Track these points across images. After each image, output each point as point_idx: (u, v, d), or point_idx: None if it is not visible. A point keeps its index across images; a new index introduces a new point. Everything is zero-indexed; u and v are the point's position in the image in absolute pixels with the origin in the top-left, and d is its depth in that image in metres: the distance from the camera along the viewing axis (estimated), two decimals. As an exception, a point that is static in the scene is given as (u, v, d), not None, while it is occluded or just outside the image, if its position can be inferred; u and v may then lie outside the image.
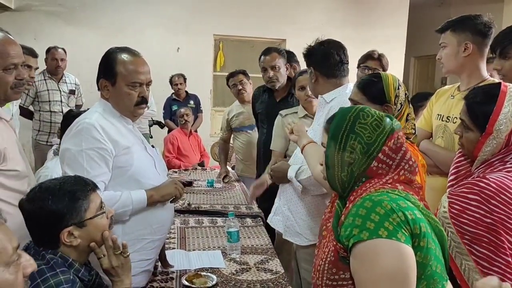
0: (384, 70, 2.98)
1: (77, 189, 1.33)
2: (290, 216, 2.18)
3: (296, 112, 2.76)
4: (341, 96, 2.06)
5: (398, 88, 1.68)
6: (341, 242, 1.14)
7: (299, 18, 6.85)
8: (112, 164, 1.63)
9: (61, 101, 3.92)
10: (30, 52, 2.93)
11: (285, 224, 2.20)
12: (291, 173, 2.10)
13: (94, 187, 1.39)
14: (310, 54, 2.12)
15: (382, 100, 1.66)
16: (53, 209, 1.29)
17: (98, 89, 1.76)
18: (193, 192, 3.40)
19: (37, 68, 3.02)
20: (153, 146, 1.90)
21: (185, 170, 4.28)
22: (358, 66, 3.04)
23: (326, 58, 2.07)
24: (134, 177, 1.67)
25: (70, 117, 2.36)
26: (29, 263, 0.98)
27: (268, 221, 2.37)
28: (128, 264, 1.41)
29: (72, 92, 4.35)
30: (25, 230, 1.40)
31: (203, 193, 3.40)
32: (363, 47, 4.52)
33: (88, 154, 1.59)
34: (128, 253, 1.41)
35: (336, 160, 1.21)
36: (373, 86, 1.69)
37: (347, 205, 1.19)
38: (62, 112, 3.89)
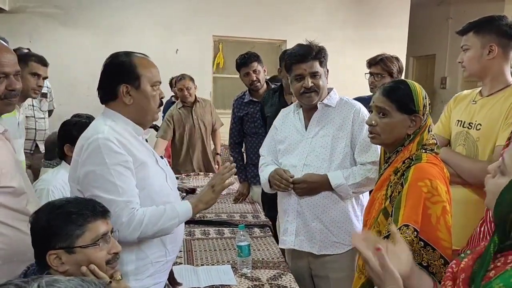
0: (391, 73, 2.86)
1: (76, 212, 1.22)
2: (323, 228, 2.08)
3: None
4: (347, 100, 2.18)
5: (426, 98, 1.59)
6: None
7: (299, 19, 6.75)
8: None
9: (33, 105, 3.78)
10: (39, 60, 2.84)
11: (319, 239, 2.10)
12: (338, 181, 2.02)
13: (101, 215, 1.27)
14: None
15: (412, 110, 1.56)
16: (44, 225, 1.22)
17: (103, 100, 1.63)
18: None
19: (46, 77, 2.91)
20: (162, 157, 1.78)
21: (187, 175, 4.16)
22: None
23: None
24: (149, 195, 1.56)
25: (71, 124, 2.24)
26: None
27: (282, 246, 2.23)
28: None
29: (44, 95, 4.18)
30: (24, 254, 1.30)
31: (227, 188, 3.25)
32: (364, 48, 4.46)
33: (116, 170, 1.47)
34: (119, 277, 1.29)
35: None
36: (401, 94, 1.58)
37: (504, 261, 0.93)
38: (34, 116, 3.72)
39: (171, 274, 1.85)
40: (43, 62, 2.89)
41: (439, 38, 8.47)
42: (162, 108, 1.71)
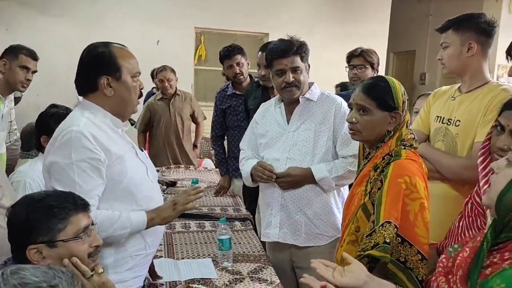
0: (372, 64, 2.92)
1: (57, 206, 1.20)
2: (307, 220, 2.11)
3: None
4: (329, 94, 2.22)
5: (404, 93, 1.61)
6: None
7: (282, 13, 6.74)
8: (105, 175, 1.49)
9: None
10: (30, 54, 2.81)
11: (303, 231, 2.12)
12: (321, 174, 2.04)
13: (82, 208, 1.24)
14: None
15: (391, 107, 1.57)
16: (22, 219, 1.19)
17: (81, 92, 1.60)
18: (177, 193, 3.25)
19: (35, 71, 2.85)
20: (142, 150, 1.76)
21: (167, 168, 4.13)
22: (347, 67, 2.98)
23: None
24: (128, 189, 1.54)
25: (49, 115, 2.20)
26: None
27: (266, 239, 2.23)
28: (108, 285, 1.27)
29: None
30: (1, 248, 1.27)
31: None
32: (346, 43, 4.48)
33: (79, 167, 1.44)
34: (101, 270, 1.27)
35: None
36: (381, 91, 1.59)
37: (501, 258, 0.95)
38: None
39: (152, 267, 1.84)
40: (33, 56, 2.85)
41: (419, 35, 8.57)
42: (142, 99, 1.68)
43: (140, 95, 1.65)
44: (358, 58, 2.91)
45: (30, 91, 4.11)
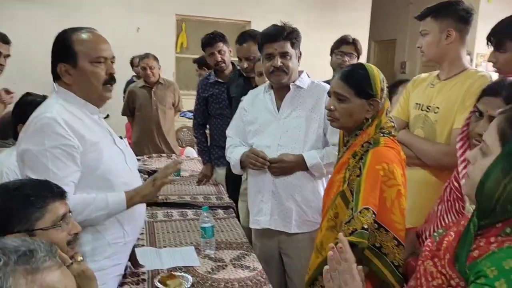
0: (359, 55, 2.93)
1: (34, 194, 1.18)
2: (297, 207, 2.12)
3: None
4: (319, 83, 2.21)
5: (383, 81, 1.62)
6: (462, 273, 0.97)
7: (264, 0, 6.69)
8: (79, 162, 1.47)
9: None
10: (1, 38, 2.71)
11: (293, 218, 2.13)
12: (313, 161, 2.05)
13: (59, 196, 1.22)
14: None
15: (369, 94, 1.58)
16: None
17: (54, 79, 1.57)
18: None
19: (8, 55, 2.76)
20: (121, 137, 1.73)
21: (149, 157, 4.10)
22: (332, 52, 2.96)
23: None
24: (104, 176, 1.51)
25: (26, 103, 2.15)
26: None
27: (256, 226, 2.23)
28: (88, 273, 1.25)
29: None
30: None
31: (170, 183, 3.22)
32: (327, 32, 4.49)
33: (52, 154, 1.42)
34: (80, 258, 1.25)
35: (503, 185, 0.93)
36: (359, 78, 1.59)
37: (487, 242, 0.96)
38: None
39: (134, 256, 1.83)
40: (4, 40, 2.76)
41: (400, 23, 8.63)
42: (112, 86, 1.60)
43: (110, 79, 1.57)
44: (350, 45, 2.90)
45: (6, 79, 4.01)
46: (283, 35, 2.07)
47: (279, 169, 2.09)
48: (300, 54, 2.18)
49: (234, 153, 2.25)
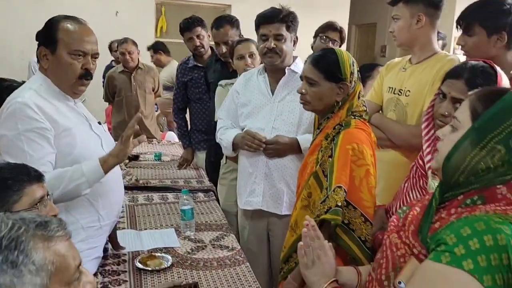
0: (342, 43, 2.97)
1: (11, 178, 1.19)
2: (288, 190, 2.14)
3: None
4: None
5: (353, 65, 1.67)
6: (424, 242, 1.02)
7: (244, -17, 6.66)
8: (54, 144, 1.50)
9: None
10: None
11: (284, 200, 2.15)
12: (307, 144, 2.02)
13: (36, 179, 1.25)
14: None
15: (338, 78, 1.64)
16: None
17: (38, 61, 1.60)
18: (140, 167, 3.27)
19: None
20: (99, 123, 1.76)
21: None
22: (316, 36, 2.99)
23: None
24: (78, 161, 1.53)
25: (2, 89, 2.14)
26: (88, 281, 0.91)
27: (248, 207, 2.24)
28: None
29: None
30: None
31: (151, 168, 3.27)
32: (308, 14, 4.50)
33: (27, 137, 1.45)
34: None
35: (469, 157, 0.98)
36: (328, 63, 1.65)
37: (447, 213, 1.01)
38: None
39: (114, 238, 1.87)
40: None
41: (380, 7, 8.66)
42: (87, 81, 1.62)
43: (85, 74, 1.58)
44: (336, 32, 2.94)
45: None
46: (279, 17, 2.09)
47: (274, 151, 2.12)
48: (297, 38, 2.20)
49: (226, 134, 2.27)
